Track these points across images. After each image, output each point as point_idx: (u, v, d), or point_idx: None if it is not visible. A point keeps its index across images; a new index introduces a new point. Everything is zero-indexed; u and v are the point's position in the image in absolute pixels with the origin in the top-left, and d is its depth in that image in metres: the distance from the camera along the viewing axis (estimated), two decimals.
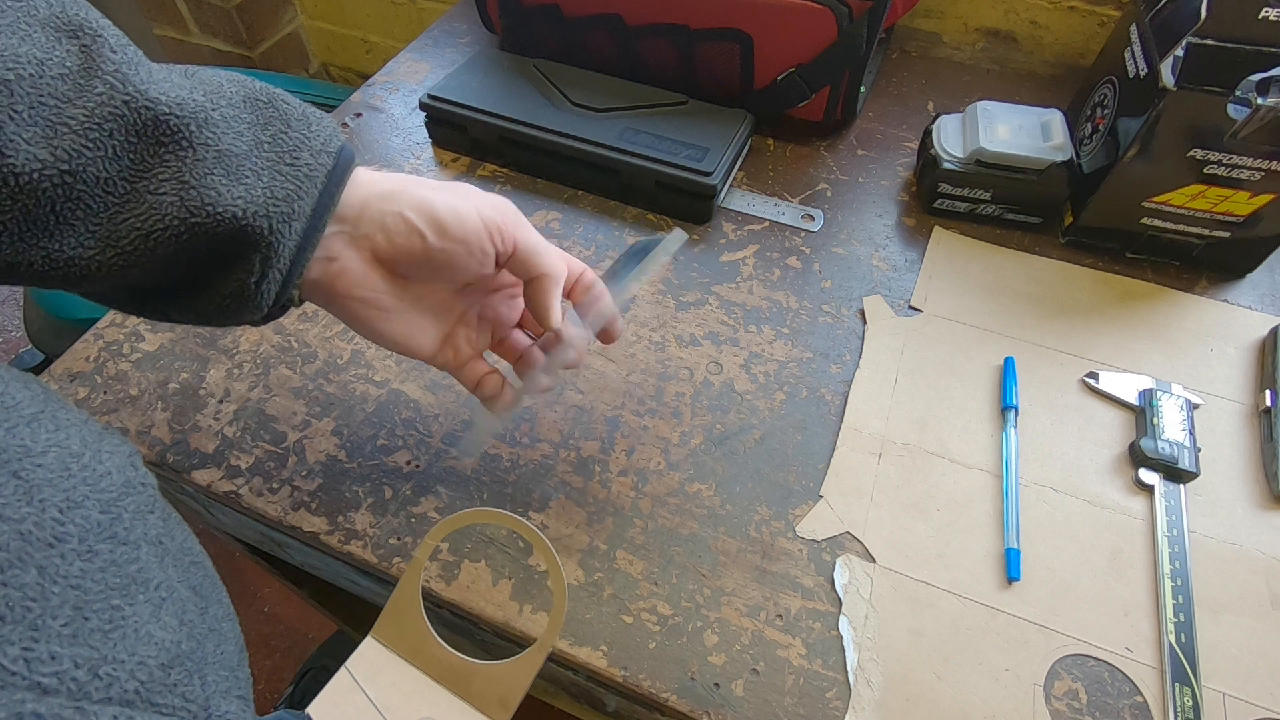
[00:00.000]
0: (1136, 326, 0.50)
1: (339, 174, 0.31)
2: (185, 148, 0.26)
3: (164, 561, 0.25)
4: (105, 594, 0.22)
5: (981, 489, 0.42)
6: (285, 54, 1.13)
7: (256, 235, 0.28)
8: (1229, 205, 0.49)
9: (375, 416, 0.45)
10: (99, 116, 0.25)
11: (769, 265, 0.54)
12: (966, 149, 0.54)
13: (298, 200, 0.29)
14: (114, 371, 0.47)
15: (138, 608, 0.23)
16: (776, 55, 0.58)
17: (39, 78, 0.24)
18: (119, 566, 0.23)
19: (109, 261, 0.26)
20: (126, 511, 0.24)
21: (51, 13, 0.25)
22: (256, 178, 0.28)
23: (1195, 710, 0.35)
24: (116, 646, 0.21)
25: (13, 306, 1.60)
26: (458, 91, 0.60)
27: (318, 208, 0.30)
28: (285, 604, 1.23)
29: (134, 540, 0.24)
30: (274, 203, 0.28)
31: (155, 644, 0.23)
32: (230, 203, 0.27)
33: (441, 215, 0.31)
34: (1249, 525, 0.41)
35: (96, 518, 0.23)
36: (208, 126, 0.27)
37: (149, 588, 0.24)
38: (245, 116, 0.29)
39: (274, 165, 0.29)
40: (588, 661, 0.36)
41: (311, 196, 0.29)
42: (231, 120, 0.28)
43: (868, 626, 0.37)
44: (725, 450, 0.44)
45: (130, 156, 0.26)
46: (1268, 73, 0.42)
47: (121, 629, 0.22)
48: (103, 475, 0.24)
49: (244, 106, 0.29)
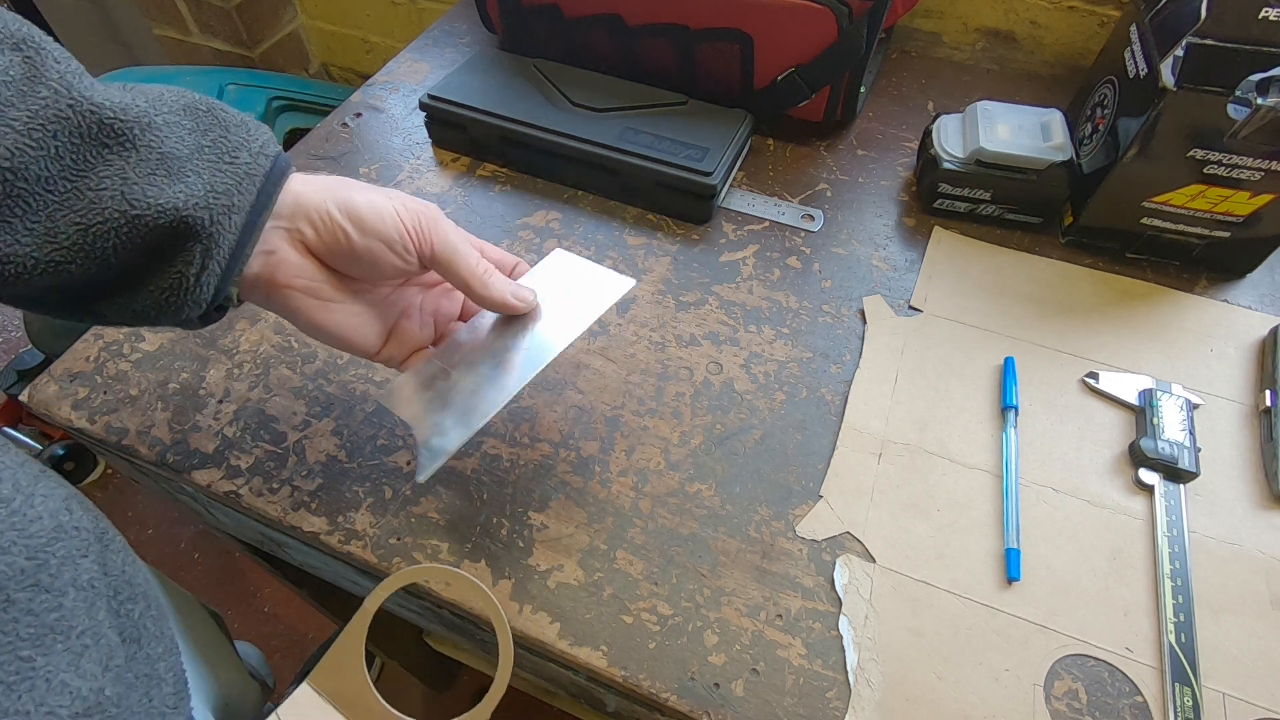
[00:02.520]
0: (1136, 326, 0.50)
1: (276, 174, 0.32)
2: (129, 149, 0.27)
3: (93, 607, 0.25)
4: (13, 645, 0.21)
5: (981, 489, 0.42)
6: (285, 54, 1.13)
7: (197, 226, 0.28)
8: (1229, 205, 0.49)
9: (375, 416, 0.45)
10: (43, 118, 0.25)
11: (769, 265, 0.54)
12: (966, 149, 0.54)
13: (237, 195, 0.30)
14: (114, 371, 0.47)
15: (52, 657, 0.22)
16: (776, 55, 0.58)
17: None
18: (35, 615, 0.22)
19: (45, 258, 0.26)
20: (55, 557, 0.24)
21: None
22: (198, 175, 0.29)
23: (1195, 710, 0.35)
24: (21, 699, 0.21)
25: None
26: (458, 91, 0.60)
27: (256, 204, 0.30)
28: (285, 604, 1.23)
29: (59, 587, 0.24)
30: (214, 196, 0.29)
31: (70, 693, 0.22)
32: (172, 196, 0.28)
33: (361, 212, 0.32)
34: (1249, 525, 0.41)
35: (21, 564, 0.22)
36: (150, 130, 0.28)
37: (70, 635, 0.23)
38: (186, 123, 0.30)
39: (214, 164, 0.30)
40: (588, 661, 0.36)
41: (250, 192, 0.30)
42: (173, 125, 0.29)
43: (868, 626, 0.37)
44: (725, 450, 0.44)
45: (73, 156, 0.26)
46: (1268, 73, 0.42)
47: (30, 680, 0.21)
48: (33, 520, 0.24)
49: (184, 114, 0.30)
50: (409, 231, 0.33)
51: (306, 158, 0.61)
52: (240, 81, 0.96)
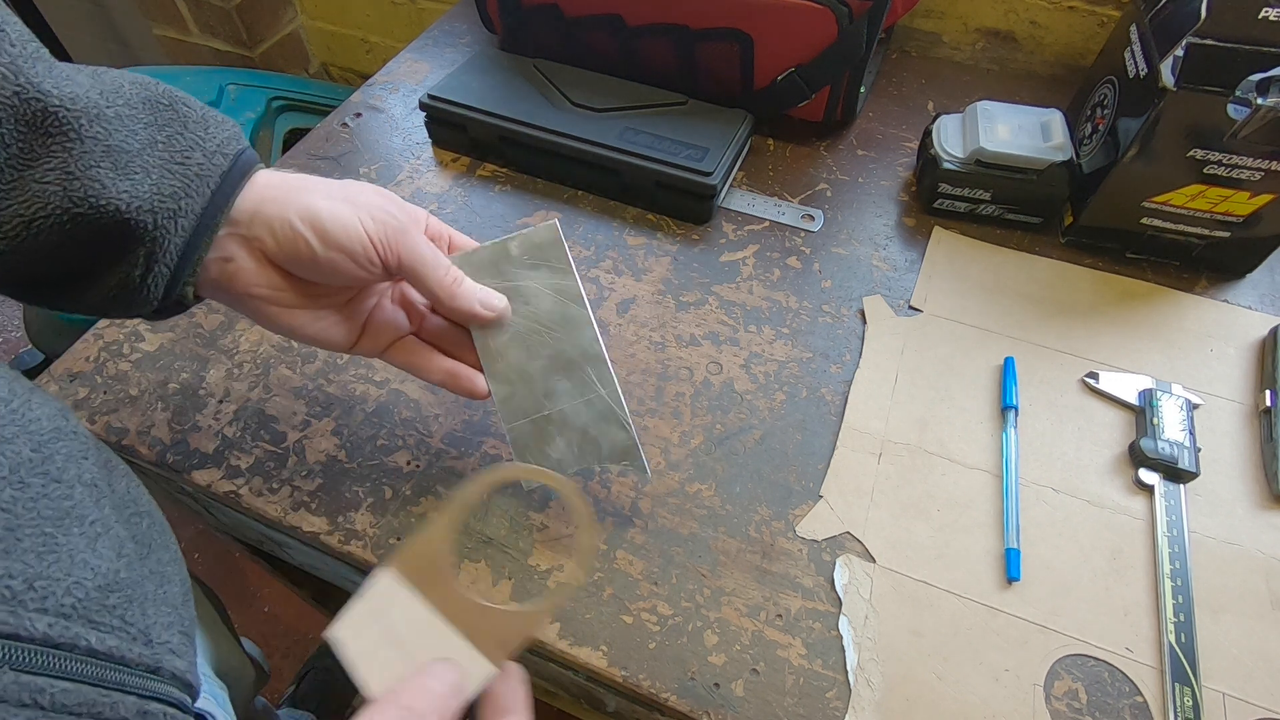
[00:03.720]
0: (1136, 326, 0.50)
1: (236, 175, 0.31)
2: (73, 139, 0.27)
3: (100, 502, 0.26)
4: (37, 521, 0.22)
5: (981, 489, 0.42)
6: (285, 54, 1.13)
7: (140, 230, 0.28)
8: (1229, 205, 0.49)
9: (375, 416, 0.45)
10: None
11: (769, 265, 0.54)
12: (966, 149, 0.54)
13: (185, 198, 0.29)
14: (114, 371, 0.47)
15: (72, 538, 0.23)
16: (776, 55, 0.58)
17: None
18: (51, 500, 0.23)
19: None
20: (59, 454, 0.25)
21: None
22: (145, 174, 0.28)
23: (1195, 710, 0.35)
24: (51, 567, 0.22)
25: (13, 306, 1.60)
26: (457, 91, 0.60)
27: (209, 208, 0.30)
28: (285, 604, 1.23)
29: (67, 480, 0.24)
30: (160, 199, 0.28)
31: (91, 569, 0.23)
32: (114, 196, 0.27)
33: (325, 224, 0.31)
34: (1249, 525, 0.41)
35: (28, 454, 0.23)
36: (98, 122, 0.27)
37: (84, 522, 0.24)
38: (142, 116, 0.29)
39: (165, 164, 0.29)
40: (588, 661, 0.36)
41: (202, 196, 0.29)
42: (126, 119, 0.28)
43: (868, 626, 0.37)
44: (725, 450, 0.44)
45: (19, 145, 0.26)
46: (1268, 73, 0.42)
47: (55, 553, 0.22)
48: (32, 420, 0.24)
49: (142, 107, 0.29)
50: (374, 243, 0.32)
51: (306, 158, 0.61)
52: (240, 81, 0.96)
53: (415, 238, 0.33)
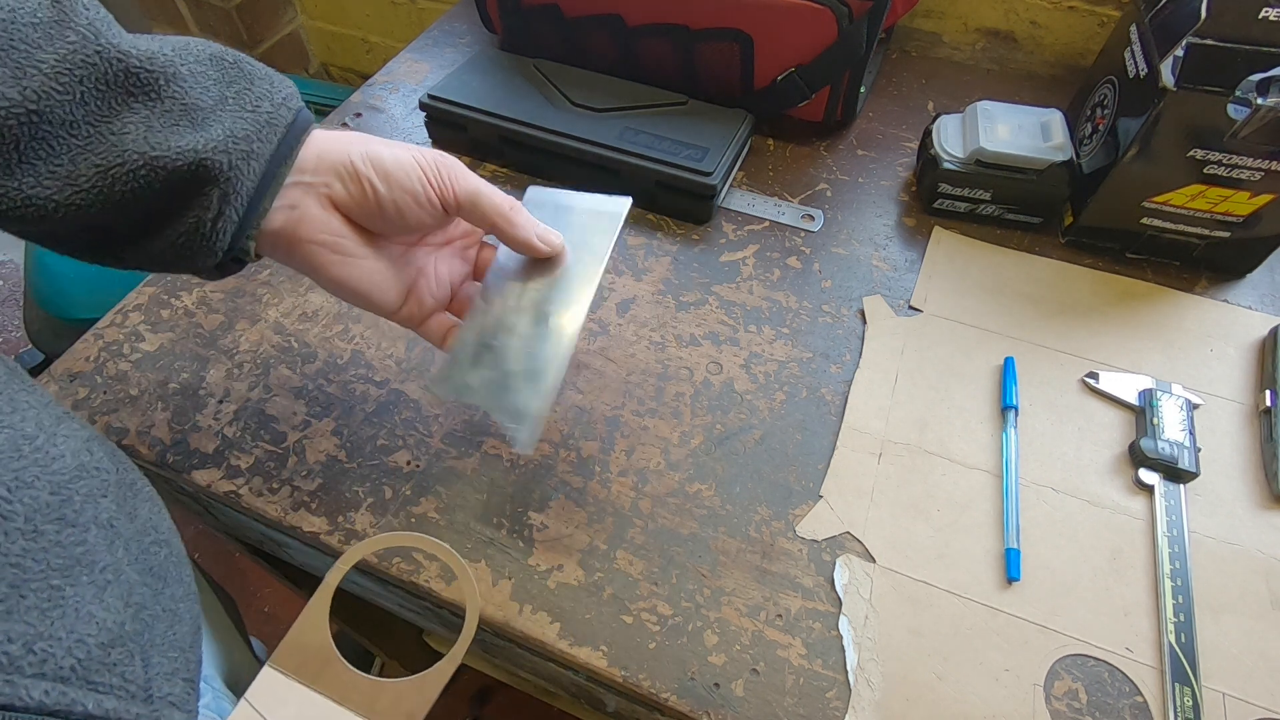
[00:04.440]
0: (1136, 326, 0.50)
1: (299, 127, 0.32)
2: (154, 98, 0.28)
3: (114, 545, 0.26)
4: (46, 574, 0.22)
5: (981, 489, 0.42)
6: (285, 54, 1.13)
7: (215, 171, 0.28)
8: (1229, 205, 0.49)
9: (375, 416, 0.45)
10: (70, 63, 0.26)
11: (769, 265, 0.54)
12: (966, 149, 0.54)
13: (257, 141, 0.30)
14: (114, 371, 0.47)
15: (80, 588, 0.23)
16: (776, 55, 0.58)
17: (11, 24, 0.25)
18: (64, 548, 0.23)
19: (66, 200, 0.27)
20: (78, 495, 0.25)
21: None
22: (219, 123, 0.29)
23: (1195, 710, 0.35)
24: (54, 625, 0.22)
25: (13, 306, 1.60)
26: (458, 91, 0.60)
27: (276, 154, 0.31)
28: (285, 604, 1.23)
29: (83, 523, 0.24)
30: (234, 141, 0.29)
31: (96, 624, 0.23)
32: (192, 141, 0.28)
33: (387, 165, 0.33)
34: (1249, 525, 0.41)
35: (46, 499, 0.23)
36: (176, 80, 0.28)
37: (94, 569, 0.24)
38: (211, 73, 0.30)
39: (236, 111, 0.30)
40: (588, 661, 0.36)
41: (271, 142, 0.30)
42: (198, 75, 0.29)
43: (868, 626, 0.37)
44: (725, 450, 0.44)
45: (98, 102, 0.27)
46: (1268, 73, 0.42)
47: (61, 608, 0.22)
48: (55, 458, 0.24)
49: (210, 64, 0.30)
50: (430, 181, 0.34)
51: None
52: None
53: (468, 172, 0.35)
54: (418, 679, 0.28)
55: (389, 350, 0.48)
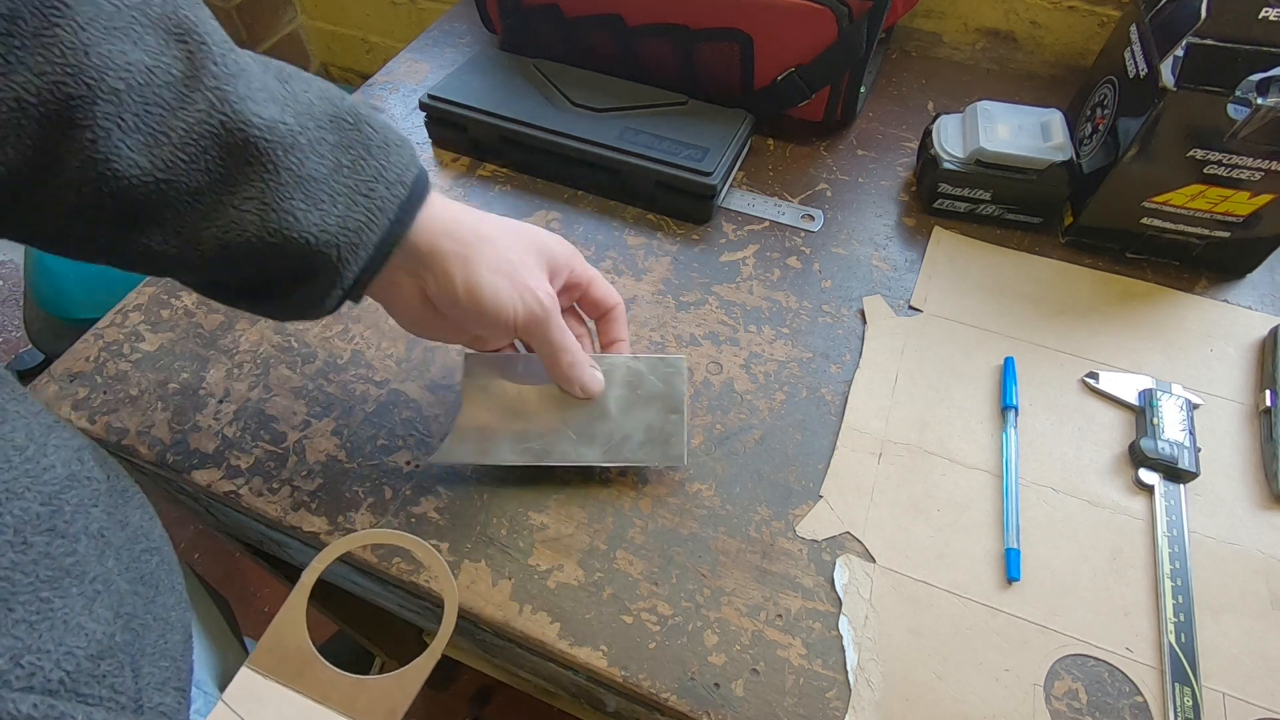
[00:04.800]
0: (1136, 326, 0.50)
1: (411, 204, 0.32)
2: (270, 171, 0.28)
3: (104, 555, 0.26)
4: (35, 586, 0.22)
5: (981, 489, 0.42)
6: (285, 54, 1.13)
7: (325, 260, 0.30)
8: (1229, 205, 0.49)
9: (375, 416, 0.45)
10: (197, 132, 0.26)
11: (769, 265, 0.54)
12: (966, 149, 0.54)
13: (366, 232, 0.31)
14: (114, 371, 0.47)
15: (69, 600, 0.23)
16: (776, 55, 0.58)
17: (146, 86, 0.25)
18: (53, 559, 0.23)
19: (188, 259, 0.28)
20: (68, 505, 0.25)
21: (164, 12, 0.26)
22: (332, 204, 0.30)
23: (1195, 710, 0.35)
24: (42, 637, 0.22)
25: (13, 306, 1.60)
26: (458, 91, 0.60)
27: (385, 238, 0.31)
28: None
29: (73, 533, 0.24)
30: (344, 232, 0.30)
31: (85, 635, 0.23)
32: (305, 229, 0.29)
33: (484, 303, 0.33)
34: (1249, 525, 0.41)
35: (36, 509, 0.23)
36: (294, 151, 0.28)
37: (84, 580, 0.24)
38: (329, 138, 0.30)
39: (350, 193, 0.30)
40: (588, 661, 0.36)
41: (381, 228, 0.31)
42: (316, 144, 0.29)
43: (868, 626, 0.37)
44: (725, 450, 0.44)
45: (220, 171, 0.27)
46: (1268, 73, 0.42)
47: (49, 620, 0.22)
48: (46, 469, 0.24)
49: (330, 127, 0.30)
50: (518, 328, 0.35)
51: None
52: None
53: (552, 325, 0.36)
54: (397, 675, 0.28)
55: (389, 350, 0.48)
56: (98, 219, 0.26)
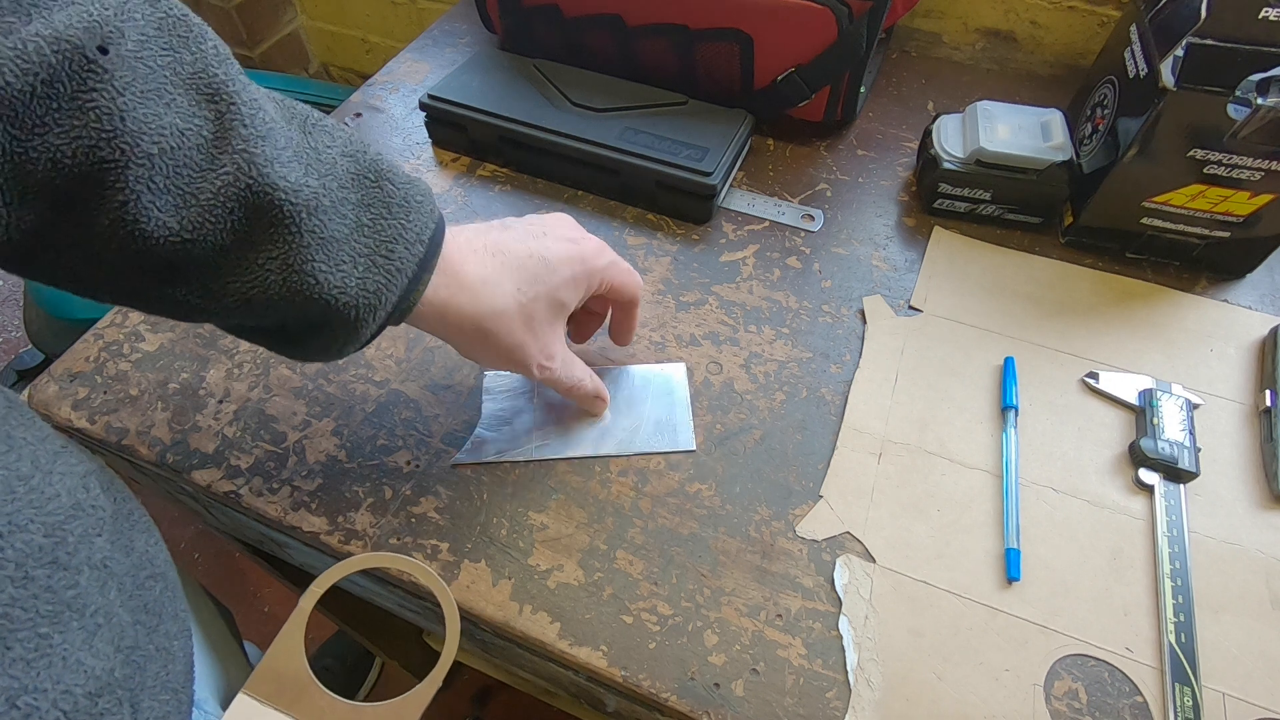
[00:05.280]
0: (1136, 326, 0.50)
1: (429, 260, 0.33)
2: (294, 233, 0.28)
3: (106, 586, 0.25)
4: (34, 622, 0.22)
5: (981, 489, 0.42)
6: (285, 54, 1.13)
7: (344, 319, 0.31)
8: (1229, 205, 0.49)
9: (375, 416, 0.45)
10: (224, 195, 0.26)
11: (769, 265, 0.54)
12: (966, 149, 0.54)
13: (385, 293, 0.31)
14: (114, 371, 0.47)
15: (69, 635, 0.23)
16: (776, 55, 0.58)
17: (179, 150, 0.25)
18: (54, 593, 0.23)
19: (211, 308, 0.29)
20: (72, 535, 0.24)
21: (195, 70, 0.26)
22: (353, 265, 0.30)
23: (1195, 710, 0.35)
24: (40, 676, 0.21)
25: (13, 306, 1.60)
26: (457, 91, 0.60)
27: (403, 296, 0.32)
28: (285, 604, 1.23)
29: (75, 565, 0.24)
30: (364, 294, 0.31)
31: (84, 672, 0.23)
32: (325, 291, 0.29)
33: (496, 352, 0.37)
34: (1249, 525, 0.41)
35: (39, 541, 0.23)
36: (317, 214, 0.29)
37: (84, 614, 0.24)
38: (351, 197, 0.30)
39: (370, 254, 0.31)
40: (588, 661, 0.36)
41: (399, 287, 0.32)
42: (339, 204, 0.30)
43: (868, 626, 0.37)
44: (725, 450, 0.44)
45: (245, 231, 0.27)
46: (1268, 73, 0.42)
47: (48, 657, 0.22)
48: (50, 498, 0.24)
49: (352, 186, 0.31)
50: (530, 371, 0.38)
51: None
52: None
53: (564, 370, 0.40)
54: (397, 703, 0.28)
55: (389, 350, 0.48)
56: (124, 271, 0.27)
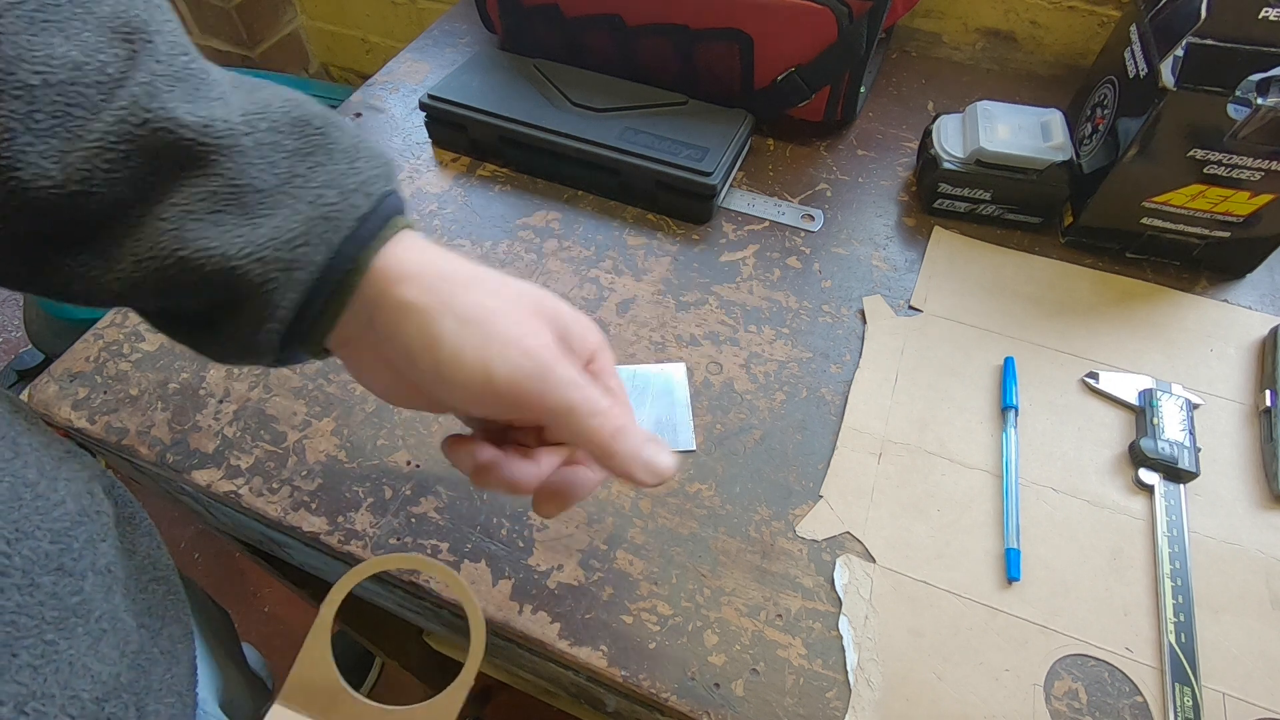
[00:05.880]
0: (1136, 326, 0.50)
1: (374, 223, 0.26)
2: (200, 176, 0.23)
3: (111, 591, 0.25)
4: (40, 628, 0.21)
5: (981, 489, 0.42)
6: (285, 54, 1.13)
7: (246, 283, 0.23)
8: (1229, 205, 0.49)
9: (375, 416, 0.45)
10: (116, 134, 0.22)
11: (769, 265, 0.54)
12: (966, 149, 0.54)
13: (303, 247, 0.24)
14: (114, 371, 0.47)
15: (75, 641, 0.22)
16: (776, 55, 0.58)
17: (69, 84, 0.21)
18: (60, 599, 0.22)
19: (109, 285, 0.23)
20: (77, 541, 0.24)
21: (115, 11, 0.22)
22: (270, 216, 0.24)
23: (1195, 710, 0.35)
24: (47, 682, 0.21)
25: (13, 306, 1.60)
26: (458, 91, 0.60)
27: (336, 259, 0.25)
28: (285, 604, 1.23)
29: (80, 571, 0.23)
30: (276, 246, 0.24)
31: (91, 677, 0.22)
32: (226, 241, 0.23)
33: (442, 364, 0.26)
34: (1249, 525, 0.41)
35: (46, 548, 0.22)
36: (233, 155, 0.23)
37: (89, 620, 0.23)
38: (286, 144, 0.25)
39: (293, 204, 0.24)
40: (588, 661, 0.36)
41: (326, 244, 0.24)
42: (266, 147, 0.24)
43: (868, 626, 0.37)
44: (725, 450, 0.44)
45: (149, 179, 0.23)
46: (1268, 73, 0.42)
47: (55, 663, 0.21)
48: (56, 504, 0.23)
49: (289, 131, 0.25)
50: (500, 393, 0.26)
51: None
52: None
53: (558, 382, 0.26)
54: (429, 704, 0.28)
55: None
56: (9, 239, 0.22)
